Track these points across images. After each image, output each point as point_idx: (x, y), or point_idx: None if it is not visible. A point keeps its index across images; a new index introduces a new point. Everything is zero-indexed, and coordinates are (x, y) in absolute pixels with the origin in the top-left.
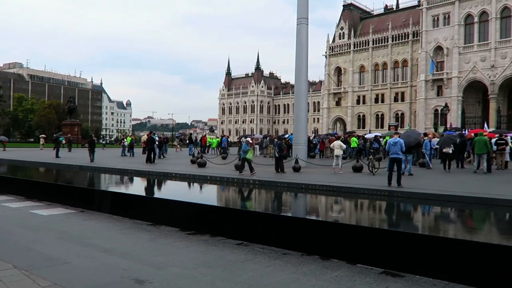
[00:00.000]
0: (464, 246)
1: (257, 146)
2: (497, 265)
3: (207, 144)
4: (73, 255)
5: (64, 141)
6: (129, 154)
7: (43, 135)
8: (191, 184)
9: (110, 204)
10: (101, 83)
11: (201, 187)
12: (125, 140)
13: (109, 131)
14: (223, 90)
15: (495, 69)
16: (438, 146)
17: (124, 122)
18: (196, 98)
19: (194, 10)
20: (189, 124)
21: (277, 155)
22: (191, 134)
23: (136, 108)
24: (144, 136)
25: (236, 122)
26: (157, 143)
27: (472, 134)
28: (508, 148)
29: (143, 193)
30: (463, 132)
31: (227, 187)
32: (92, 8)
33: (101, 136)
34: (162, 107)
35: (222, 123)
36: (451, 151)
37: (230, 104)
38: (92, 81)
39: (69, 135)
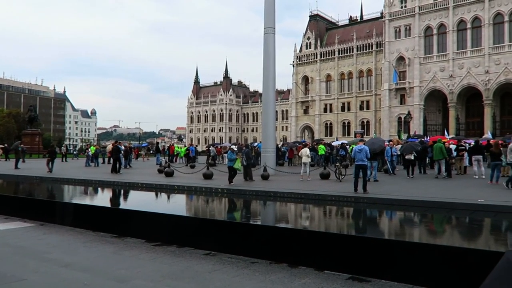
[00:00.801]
0: (426, 250)
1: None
2: (457, 267)
3: (175, 153)
4: (30, 271)
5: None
6: (93, 164)
7: (2, 146)
8: (158, 194)
9: (72, 216)
10: (64, 91)
11: (168, 197)
12: (89, 149)
13: (73, 141)
14: (192, 98)
15: (453, 78)
16: (399, 153)
17: (88, 132)
18: (164, 106)
19: (162, 17)
20: (157, 133)
21: (245, 163)
22: (158, 143)
23: (102, 117)
24: (109, 146)
25: (204, 131)
26: (122, 152)
27: (432, 141)
28: (466, 154)
29: (107, 204)
30: (424, 139)
31: (195, 196)
32: (55, 13)
33: (70, 146)
34: (128, 116)
35: (190, 131)
36: (413, 158)
37: (199, 112)
38: (54, 89)
39: (22, 145)
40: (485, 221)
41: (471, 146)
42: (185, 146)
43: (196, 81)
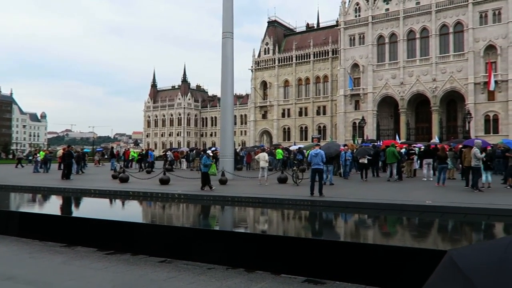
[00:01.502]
0: (378, 250)
1: (183, 160)
2: (408, 266)
3: (130, 158)
4: None
5: None
6: (42, 170)
7: None
8: (112, 200)
9: (18, 225)
10: (11, 94)
11: (122, 204)
12: (38, 155)
13: (21, 146)
14: (149, 102)
15: (403, 86)
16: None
17: (38, 136)
18: (120, 110)
19: (118, 19)
20: (112, 138)
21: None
22: (113, 147)
23: (53, 120)
24: (60, 151)
25: (162, 135)
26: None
27: (384, 146)
28: (416, 157)
29: (56, 212)
30: (377, 143)
31: (151, 202)
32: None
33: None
34: (82, 120)
35: (147, 136)
36: (366, 161)
37: (156, 116)
38: (0, 91)
39: None
40: (433, 222)
41: (422, 150)
42: (142, 150)
43: (154, 85)
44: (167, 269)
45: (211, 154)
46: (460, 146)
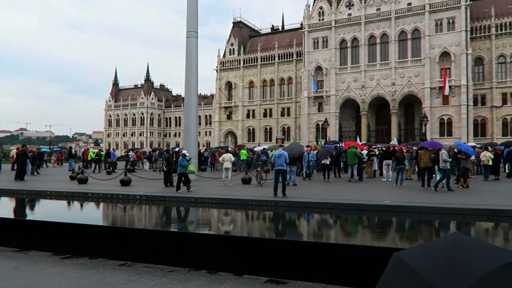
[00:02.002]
0: (339, 250)
1: (145, 160)
2: (366, 265)
3: (90, 158)
4: None
5: None
6: None
7: None
8: (70, 202)
9: None
10: None
11: (81, 206)
12: None
13: None
14: (110, 101)
15: (365, 89)
16: (314, 158)
17: None
18: (79, 109)
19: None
20: (71, 137)
21: (165, 169)
22: (71, 147)
23: (6, 119)
24: (13, 150)
25: (124, 135)
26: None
27: (347, 147)
28: (376, 158)
29: (8, 215)
30: (339, 144)
31: (110, 204)
32: None
33: None
34: (38, 118)
35: (108, 136)
36: (328, 162)
37: (118, 116)
38: None
39: None
40: (391, 221)
41: (382, 151)
42: (100, 150)
43: (115, 83)
44: (127, 272)
45: (187, 154)
46: (415, 148)
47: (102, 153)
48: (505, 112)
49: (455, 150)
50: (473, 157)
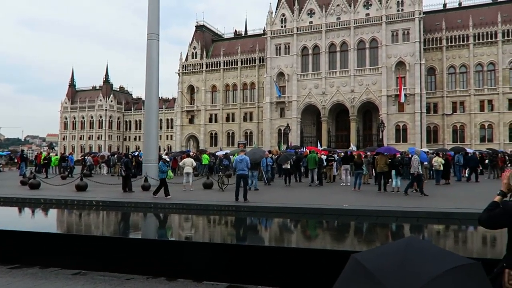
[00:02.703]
0: (299, 254)
1: (103, 165)
2: (327, 268)
3: (43, 163)
4: None
5: None
6: None
7: None
8: (21, 209)
9: None
10: None
11: (32, 212)
12: None
13: None
14: (66, 103)
15: (325, 95)
16: (271, 163)
17: None
18: (32, 110)
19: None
20: (23, 140)
21: (123, 173)
22: (23, 151)
23: None
24: None
25: (81, 138)
26: None
27: (308, 151)
28: (335, 163)
29: None
30: (300, 150)
31: (65, 210)
32: None
33: None
34: None
35: (64, 139)
36: (289, 167)
37: (74, 118)
38: None
39: None
40: (349, 224)
41: (341, 156)
42: (48, 153)
43: (72, 84)
44: (81, 281)
45: (168, 159)
46: (369, 153)
47: (55, 157)
48: (455, 120)
49: (410, 156)
50: (426, 163)
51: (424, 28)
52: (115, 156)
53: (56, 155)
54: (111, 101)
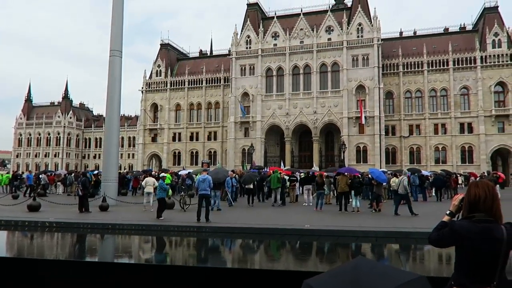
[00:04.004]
0: (262, 275)
1: (59, 183)
2: None
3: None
4: None
5: None
6: None
7: None
8: None
9: None
10: None
11: None
12: None
13: None
14: (21, 118)
15: (289, 116)
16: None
17: None
18: None
19: None
20: None
21: (80, 193)
22: None
23: None
24: None
25: (36, 156)
26: None
27: (271, 171)
28: (297, 184)
29: None
30: (264, 169)
31: (15, 232)
32: None
33: None
34: None
35: (17, 156)
36: (252, 187)
37: (30, 135)
38: None
39: None
40: (311, 244)
41: (303, 177)
42: (8, 172)
43: (29, 99)
44: None
45: (166, 175)
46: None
47: (6, 175)
48: (411, 142)
49: (369, 176)
50: (385, 184)
51: (383, 54)
52: (72, 175)
53: (8, 173)
54: (70, 117)
